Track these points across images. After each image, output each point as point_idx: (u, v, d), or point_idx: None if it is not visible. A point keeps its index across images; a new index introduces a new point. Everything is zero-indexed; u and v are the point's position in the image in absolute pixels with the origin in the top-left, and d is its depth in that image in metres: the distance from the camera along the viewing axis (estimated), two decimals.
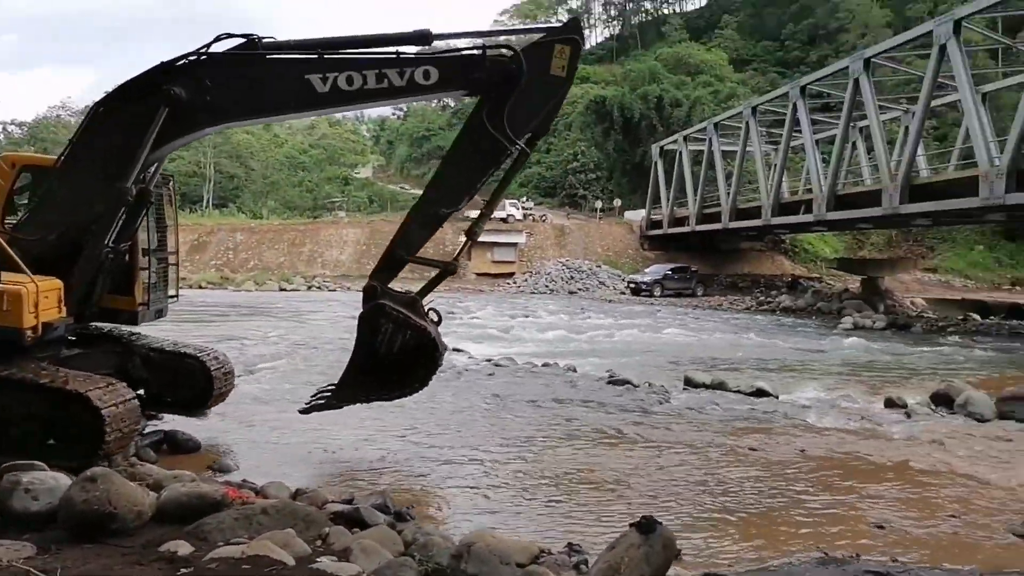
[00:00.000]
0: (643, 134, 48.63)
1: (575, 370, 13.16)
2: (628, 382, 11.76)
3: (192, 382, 7.66)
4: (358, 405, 7.26)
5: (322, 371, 10.65)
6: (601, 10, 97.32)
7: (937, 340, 21.16)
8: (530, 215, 45.67)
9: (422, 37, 6.43)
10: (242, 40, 6.44)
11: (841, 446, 8.27)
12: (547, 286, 37.12)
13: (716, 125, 35.27)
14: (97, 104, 6.69)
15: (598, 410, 9.96)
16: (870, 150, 28.89)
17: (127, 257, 6.93)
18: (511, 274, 40.47)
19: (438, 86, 6.41)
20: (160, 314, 7.54)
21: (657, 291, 34.87)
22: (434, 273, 6.80)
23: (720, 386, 11.73)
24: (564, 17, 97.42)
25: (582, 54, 6.64)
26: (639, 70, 55.28)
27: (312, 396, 7.26)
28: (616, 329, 21.27)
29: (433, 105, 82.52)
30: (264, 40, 6.53)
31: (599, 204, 48.33)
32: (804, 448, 8.10)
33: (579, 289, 36.20)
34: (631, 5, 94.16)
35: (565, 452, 7.78)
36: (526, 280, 38.74)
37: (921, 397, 11.20)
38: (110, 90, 6.80)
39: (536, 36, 6.60)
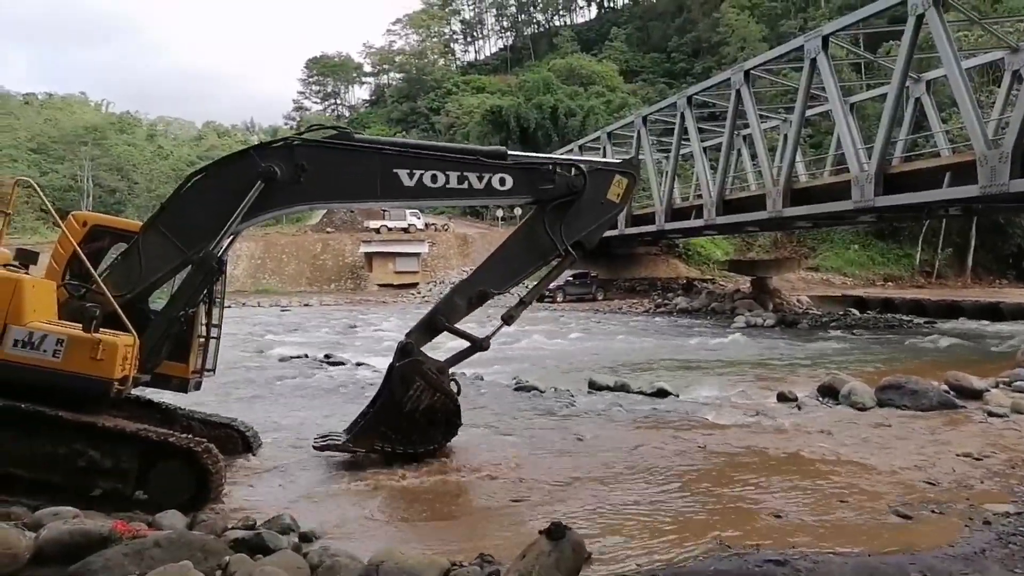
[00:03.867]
0: (540, 143, 49.43)
1: (482, 378, 13.14)
2: (534, 388, 11.85)
3: (234, 448, 7.44)
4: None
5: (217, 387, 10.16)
6: (494, 21, 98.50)
7: (822, 335, 22.47)
8: (432, 224, 45.48)
9: (499, 155, 7.43)
10: (333, 131, 7.36)
11: (739, 441, 8.60)
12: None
13: (609, 134, 36.24)
14: (193, 173, 7.26)
15: (505, 417, 9.97)
16: (754, 157, 30.47)
17: (186, 325, 6.90)
18: (414, 284, 40.13)
19: (511, 192, 7.33)
20: (198, 386, 7.31)
21: (559, 297, 35.42)
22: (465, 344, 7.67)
23: (623, 388, 12.00)
24: (457, 27, 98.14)
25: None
26: (533, 80, 56.20)
27: (322, 436, 7.61)
28: (521, 336, 21.41)
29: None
30: (356, 135, 7.48)
31: (500, 212, 48.67)
32: (704, 445, 8.37)
33: None
34: (523, 16, 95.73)
35: (473, 462, 7.72)
36: (430, 290, 38.50)
37: (810, 390, 11.81)
38: (207, 163, 7.51)
39: (598, 164, 8.01)
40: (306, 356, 16.31)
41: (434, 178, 7.05)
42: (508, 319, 7.73)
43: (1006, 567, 4.76)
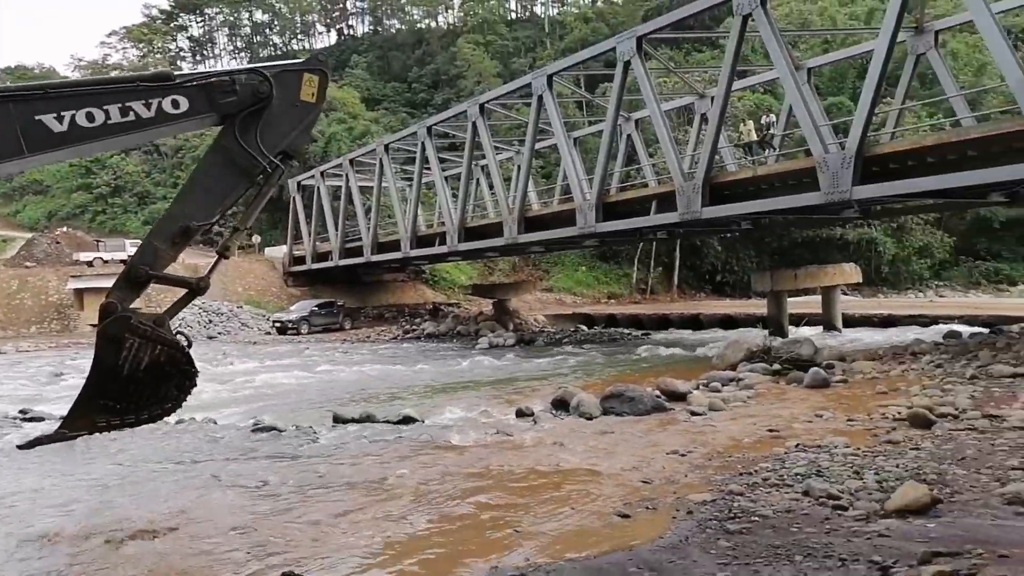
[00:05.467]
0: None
1: (215, 422, 12.15)
2: (274, 427, 11.20)
3: None
4: None
5: None
6: (227, 41, 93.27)
7: (556, 350, 24.10)
8: None
9: (164, 76, 6.36)
10: None
11: (482, 461, 8.84)
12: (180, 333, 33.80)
13: (352, 161, 35.93)
14: None
15: (241, 462, 9.28)
16: (491, 186, 32.04)
17: None
18: None
19: (190, 113, 6.35)
20: None
21: (304, 328, 34.14)
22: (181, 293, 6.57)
23: (369, 419, 11.80)
24: (185, 44, 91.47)
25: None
26: None
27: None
28: (263, 372, 20.24)
29: None
30: None
31: (238, 241, 45.79)
32: (449, 468, 8.47)
33: (219, 333, 33.74)
34: (258, 38, 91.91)
35: (205, 513, 7.05)
36: None
37: (545, 404, 12.56)
38: None
39: (282, 65, 6.94)
40: None
41: (90, 116, 5.97)
42: (224, 251, 6.88)
43: (704, 550, 5.36)
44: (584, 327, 32.02)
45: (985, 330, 19.42)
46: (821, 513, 6.04)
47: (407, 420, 11.50)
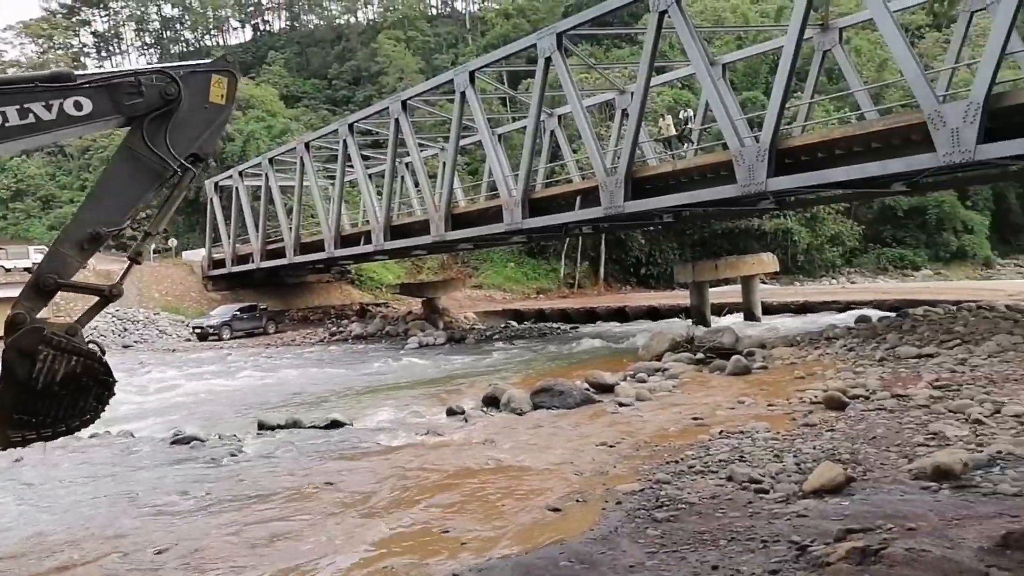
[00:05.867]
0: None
1: (132, 435, 11.64)
2: (195, 438, 10.80)
3: None
4: None
5: None
6: (134, 36, 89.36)
7: (487, 347, 24.11)
8: None
9: (63, 77, 6.00)
10: None
11: (412, 461, 8.74)
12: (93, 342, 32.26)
13: (271, 160, 34.99)
14: None
15: (162, 475, 8.91)
16: (417, 183, 31.72)
17: None
18: None
19: (94, 115, 6.05)
20: None
21: (226, 333, 33.10)
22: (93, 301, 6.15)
23: (295, 424, 11.51)
24: (89, 39, 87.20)
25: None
26: None
27: None
28: (183, 380, 19.53)
29: None
30: None
31: (152, 245, 44.05)
32: (378, 471, 8.35)
33: (136, 342, 32.38)
34: (168, 33, 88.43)
35: (129, 529, 6.73)
36: None
37: (475, 402, 12.54)
38: None
39: (189, 66, 6.68)
40: None
41: None
42: (136, 256, 6.57)
43: (633, 540, 5.44)
44: (514, 323, 32.14)
45: (892, 314, 20.44)
46: (744, 497, 6.22)
47: (335, 424, 11.28)
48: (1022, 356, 11.71)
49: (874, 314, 21.04)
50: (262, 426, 11.54)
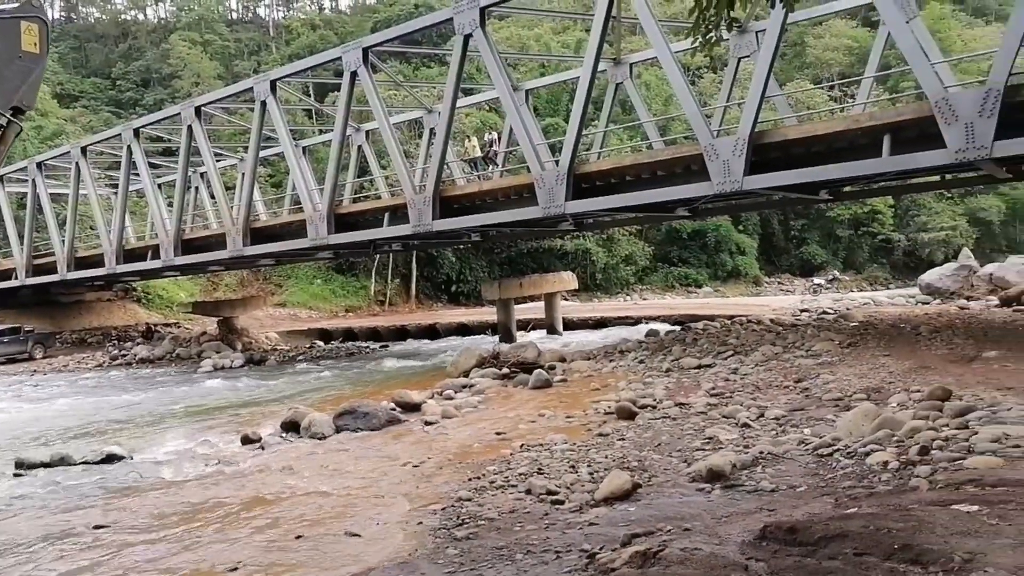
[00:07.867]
0: None
1: None
2: None
3: None
4: None
5: None
6: None
7: (289, 369, 23.04)
8: None
9: None
10: None
11: (199, 495, 8.09)
12: None
13: (40, 165, 31.23)
14: None
15: None
16: (212, 195, 29.75)
17: None
18: None
19: None
20: None
21: None
22: None
23: (63, 461, 10.25)
24: None
25: None
26: None
27: None
28: None
29: None
30: None
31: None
32: (156, 509, 7.63)
33: None
34: None
35: None
36: None
37: (274, 427, 11.90)
38: None
39: None
40: None
41: None
42: None
43: (432, 561, 5.38)
44: (321, 343, 31.08)
45: (678, 328, 22.24)
46: (541, 509, 6.39)
47: (111, 458, 10.19)
48: (782, 364, 13.19)
49: (662, 328, 22.77)
50: (20, 464, 10.16)
